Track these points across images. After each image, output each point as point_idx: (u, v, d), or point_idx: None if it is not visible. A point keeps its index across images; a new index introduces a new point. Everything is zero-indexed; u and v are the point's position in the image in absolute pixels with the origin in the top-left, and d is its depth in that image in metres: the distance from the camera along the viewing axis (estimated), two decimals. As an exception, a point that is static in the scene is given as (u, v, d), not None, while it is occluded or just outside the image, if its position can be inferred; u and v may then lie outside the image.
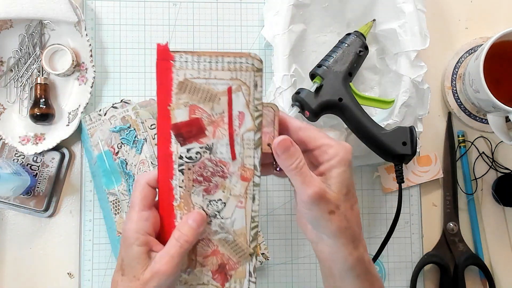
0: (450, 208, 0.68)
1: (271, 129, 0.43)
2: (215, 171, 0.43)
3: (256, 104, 0.42)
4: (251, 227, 0.44)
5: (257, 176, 0.43)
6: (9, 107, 0.66)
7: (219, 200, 0.43)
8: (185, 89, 0.41)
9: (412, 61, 0.61)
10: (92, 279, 0.65)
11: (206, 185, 0.43)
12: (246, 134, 0.42)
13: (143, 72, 0.68)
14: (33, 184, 0.64)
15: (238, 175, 0.43)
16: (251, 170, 0.43)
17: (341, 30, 0.68)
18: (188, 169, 0.43)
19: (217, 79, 0.41)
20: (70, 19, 0.64)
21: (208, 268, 0.44)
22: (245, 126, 0.42)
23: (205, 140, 0.42)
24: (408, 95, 0.60)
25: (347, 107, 0.58)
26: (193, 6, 0.69)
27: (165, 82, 0.41)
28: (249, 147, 0.42)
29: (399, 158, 0.58)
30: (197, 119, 0.42)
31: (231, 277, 0.44)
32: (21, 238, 0.66)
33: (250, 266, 0.44)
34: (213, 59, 0.41)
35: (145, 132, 0.63)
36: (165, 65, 0.41)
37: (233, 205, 0.43)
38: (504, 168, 0.69)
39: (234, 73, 0.41)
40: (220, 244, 0.44)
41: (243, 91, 0.41)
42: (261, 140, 0.42)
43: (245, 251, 0.44)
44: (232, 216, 0.43)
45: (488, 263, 0.68)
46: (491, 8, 0.72)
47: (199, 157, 0.42)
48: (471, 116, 0.69)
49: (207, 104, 0.41)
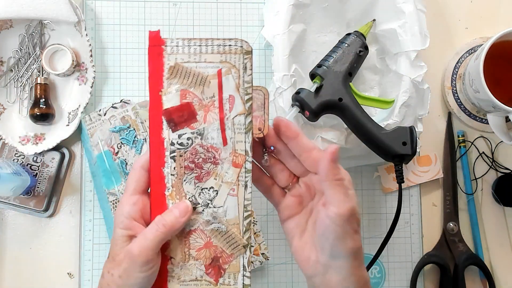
0: (450, 208, 0.68)
1: (261, 112, 0.43)
2: (206, 157, 0.43)
3: (246, 87, 0.42)
4: (244, 216, 0.43)
5: (248, 162, 0.42)
6: (9, 107, 0.66)
7: (211, 188, 0.43)
8: (176, 73, 0.42)
9: (412, 61, 0.61)
10: (92, 279, 0.65)
11: (197, 172, 0.43)
12: (236, 118, 0.42)
13: (143, 72, 0.68)
14: (33, 184, 0.64)
15: (229, 161, 0.42)
16: (243, 155, 0.42)
17: (341, 30, 0.67)
18: (180, 156, 0.42)
19: (207, 62, 0.42)
20: (70, 19, 0.64)
21: (201, 262, 0.43)
22: (236, 110, 0.42)
23: (196, 125, 0.42)
24: (408, 95, 0.60)
25: (347, 107, 0.58)
26: (193, 6, 0.69)
27: (156, 68, 0.42)
28: (240, 131, 0.42)
29: (399, 158, 0.58)
30: (188, 104, 0.42)
31: (225, 272, 0.44)
32: (21, 238, 0.66)
33: (244, 259, 0.43)
34: (203, 43, 0.42)
35: (144, 132, 0.63)
36: (156, 50, 0.42)
37: (225, 193, 0.43)
38: (504, 168, 0.69)
39: (224, 56, 0.41)
40: (213, 236, 0.43)
41: (232, 74, 0.42)
42: (251, 124, 0.42)
43: (239, 243, 0.43)
44: (225, 205, 0.43)
45: (488, 263, 0.68)
46: (491, 8, 0.72)
47: (190, 143, 0.42)
48: (471, 116, 0.69)
49: (197, 88, 0.42)
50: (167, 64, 0.42)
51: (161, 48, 0.42)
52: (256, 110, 0.43)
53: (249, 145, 0.42)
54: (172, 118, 0.42)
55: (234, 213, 0.43)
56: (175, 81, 0.42)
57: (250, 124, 0.42)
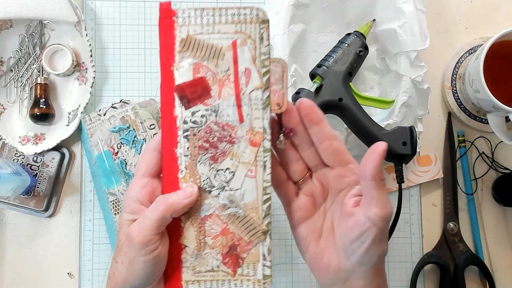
0: (450, 208, 0.68)
1: (280, 86, 0.39)
2: (222, 135, 0.39)
3: (263, 59, 0.38)
4: (263, 200, 0.39)
5: (267, 140, 0.39)
6: (9, 107, 0.66)
7: (227, 169, 0.40)
8: (188, 46, 0.39)
9: (412, 61, 0.61)
10: (92, 279, 0.65)
11: (212, 152, 0.40)
12: (253, 93, 0.39)
13: (143, 72, 0.68)
14: (33, 184, 0.64)
15: (246, 139, 0.39)
16: (261, 133, 0.39)
17: (341, 30, 0.68)
18: (193, 135, 0.40)
19: (221, 33, 0.38)
20: (70, 19, 0.64)
21: (217, 250, 0.40)
22: (252, 84, 0.39)
23: (211, 102, 0.39)
24: (408, 95, 0.60)
25: (347, 107, 0.58)
26: (193, 6, 0.69)
27: (167, 41, 0.39)
28: (257, 107, 0.39)
29: (399, 158, 0.58)
30: (202, 78, 0.39)
31: (243, 261, 0.40)
32: (21, 238, 0.66)
33: (264, 247, 0.40)
34: (216, 12, 0.38)
35: (144, 132, 0.63)
36: (167, 22, 0.39)
37: (243, 174, 0.39)
38: (504, 168, 0.69)
39: (239, 26, 0.38)
40: (230, 221, 0.40)
41: (248, 45, 0.38)
42: (269, 99, 0.39)
43: (258, 229, 0.40)
44: (242, 187, 0.40)
45: (488, 263, 0.68)
46: (491, 8, 0.72)
47: (204, 120, 0.39)
48: (471, 116, 0.69)
49: (211, 61, 0.39)
50: (179, 36, 0.39)
51: (172, 20, 0.39)
52: (274, 84, 0.39)
53: (267, 122, 0.39)
54: (185, 95, 0.39)
55: (252, 196, 0.40)
56: (188, 54, 0.39)
57: (268, 99, 0.39)
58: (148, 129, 0.63)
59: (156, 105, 0.66)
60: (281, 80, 0.39)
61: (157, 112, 0.66)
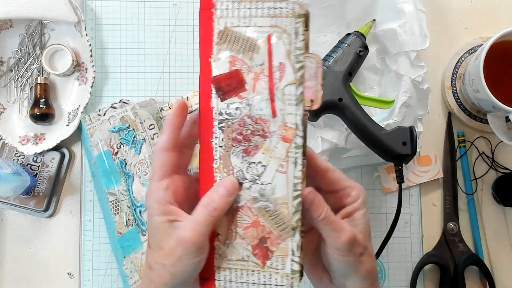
0: (450, 208, 0.68)
1: (314, 83, 0.38)
2: (255, 129, 0.39)
3: (298, 54, 0.38)
4: (293, 196, 0.39)
5: (299, 137, 0.38)
6: (9, 107, 0.66)
7: (259, 163, 0.40)
8: (226, 38, 0.39)
9: (412, 61, 0.61)
10: (92, 279, 0.65)
11: (245, 145, 0.40)
12: (287, 88, 0.38)
13: (143, 72, 0.68)
14: (33, 184, 0.65)
15: (279, 134, 0.39)
16: (293, 129, 0.38)
17: (341, 30, 0.67)
18: (228, 127, 0.40)
19: (257, 26, 0.38)
20: (70, 19, 0.64)
21: (248, 241, 0.40)
22: (286, 79, 0.38)
23: (245, 95, 0.39)
24: (408, 95, 0.60)
25: (347, 107, 0.58)
26: (193, 6, 0.69)
27: (206, 33, 0.39)
28: (291, 103, 0.38)
29: (399, 158, 0.58)
30: (237, 71, 0.39)
31: (273, 254, 0.40)
32: (21, 238, 0.66)
33: (293, 243, 0.40)
34: (253, 5, 0.38)
35: (144, 132, 0.63)
36: (206, 14, 0.39)
37: (274, 169, 0.39)
38: (504, 168, 0.69)
39: (274, 20, 0.37)
40: (261, 214, 0.40)
41: (283, 40, 0.38)
42: (303, 95, 0.38)
43: (287, 224, 0.39)
44: (273, 182, 0.39)
45: (488, 263, 0.68)
46: (491, 8, 0.72)
47: (238, 113, 0.40)
48: (471, 116, 0.69)
49: (246, 54, 0.39)
50: (217, 28, 0.39)
51: (211, 11, 0.39)
52: (308, 80, 0.38)
53: (300, 119, 0.38)
54: (220, 86, 0.39)
55: (282, 191, 0.39)
56: (225, 46, 0.39)
57: (302, 95, 0.38)
58: (148, 129, 0.63)
59: (155, 105, 0.66)
60: (315, 76, 0.38)
61: (156, 112, 0.66)
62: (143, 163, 0.62)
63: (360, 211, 0.42)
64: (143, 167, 0.62)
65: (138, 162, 0.63)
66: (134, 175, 0.63)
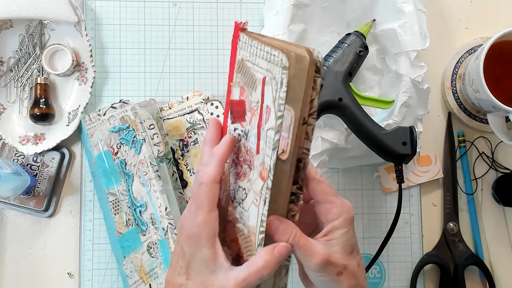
0: (450, 208, 0.68)
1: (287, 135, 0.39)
2: (245, 159, 0.42)
3: (280, 103, 0.37)
4: (259, 231, 0.40)
5: (270, 180, 0.39)
6: (9, 107, 0.66)
7: (243, 189, 0.42)
8: (241, 69, 0.42)
9: (412, 61, 0.61)
10: (92, 279, 0.65)
11: (238, 170, 0.42)
12: (269, 132, 0.38)
13: (143, 72, 0.68)
14: (33, 184, 0.65)
15: (258, 171, 0.40)
16: (267, 171, 0.39)
17: (341, 30, 0.67)
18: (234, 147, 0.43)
19: (259, 66, 0.39)
20: (70, 19, 0.64)
21: (230, 252, 0.43)
22: (270, 123, 0.38)
23: (244, 125, 0.42)
24: (408, 95, 0.60)
25: (347, 107, 0.58)
26: (193, 6, 0.69)
27: (233, 59, 0.43)
28: (269, 146, 0.39)
29: (399, 158, 0.58)
30: (243, 102, 0.42)
31: None
32: (21, 238, 0.66)
33: None
34: (258, 46, 0.39)
35: (143, 132, 0.63)
36: (234, 42, 0.43)
37: (251, 199, 0.41)
38: (504, 168, 0.69)
39: (269, 65, 0.38)
40: (239, 234, 0.42)
41: (272, 85, 0.38)
42: (278, 142, 0.38)
43: (252, 253, 0.41)
44: (249, 210, 0.41)
45: (488, 263, 0.68)
46: (491, 8, 0.72)
47: (239, 139, 0.42)
48: (471, 116, 0.69)
49: (249, 89, 0.41)
50: (238, 57, 0.42)
51: (237, 40, 0.42)
52: (283, 131, 0.39)
53: (273, 163, 0.38)
54: (232, 110, 0.43)
55: (253, 222, 0.41)
56: (239, 76, 0.42)
57: (277, 143, 0.38)
58: (148, 129, 0.63)
59: (155, 105, 0.66)
60: (288, 129, 0.38)
61: (156, 112, 0.66)
62: (143, 163, 0.62)
63: (339, 230, 0.41)
64: (143, 167, 0.62)
65: (138, 162, 0.63)
66: (134, 175, 0.63)
